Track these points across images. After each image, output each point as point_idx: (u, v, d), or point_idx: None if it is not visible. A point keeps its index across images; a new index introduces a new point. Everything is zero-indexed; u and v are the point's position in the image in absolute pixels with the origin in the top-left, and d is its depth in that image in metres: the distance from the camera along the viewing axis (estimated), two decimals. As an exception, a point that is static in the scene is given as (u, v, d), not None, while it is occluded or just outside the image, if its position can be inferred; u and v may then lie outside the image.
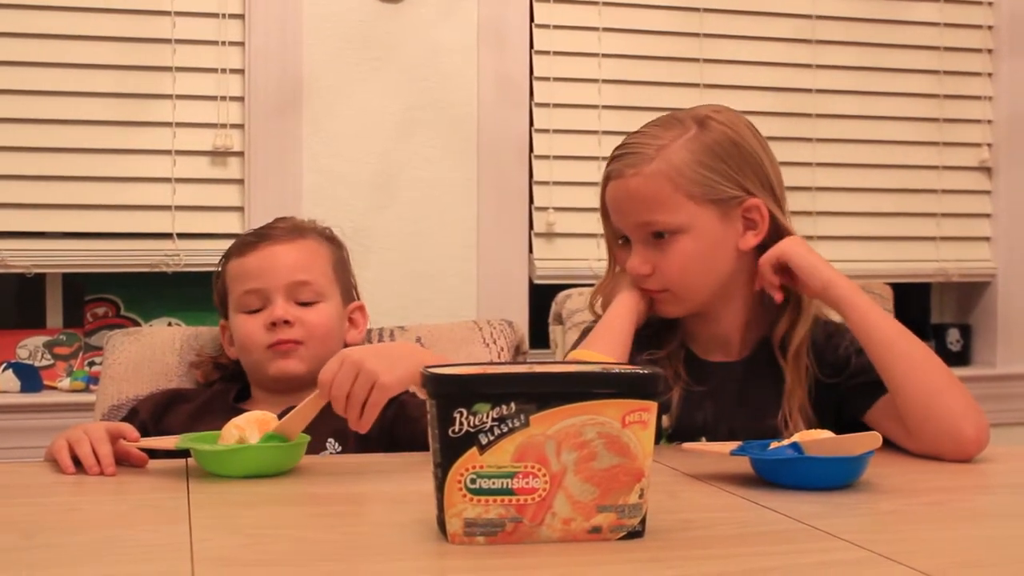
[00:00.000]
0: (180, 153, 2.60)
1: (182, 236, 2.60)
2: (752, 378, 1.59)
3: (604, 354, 1.53)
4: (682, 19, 2.90)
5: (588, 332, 1.64)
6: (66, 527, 1.12)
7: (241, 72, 2.62)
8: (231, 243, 1.79)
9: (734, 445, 1.32)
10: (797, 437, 1.30)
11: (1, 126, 2.52)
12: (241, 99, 2.62)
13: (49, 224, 2.58)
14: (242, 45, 2.62)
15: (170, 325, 2.66)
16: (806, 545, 1.04)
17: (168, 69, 2.59)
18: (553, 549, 0.99)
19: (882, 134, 3.05)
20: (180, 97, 2.59)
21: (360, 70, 2.69)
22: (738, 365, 1.61)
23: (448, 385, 1.00)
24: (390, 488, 1.32)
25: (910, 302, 3.30)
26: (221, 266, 1.77)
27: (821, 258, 1.53)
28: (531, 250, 2.81)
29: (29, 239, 2.57)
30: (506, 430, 0.99)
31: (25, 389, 2.56)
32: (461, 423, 0.99)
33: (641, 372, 1.03)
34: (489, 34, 2.75)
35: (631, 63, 2.88)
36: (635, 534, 1.02)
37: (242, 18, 2.62)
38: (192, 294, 2.68)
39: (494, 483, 0.99)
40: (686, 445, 1.41)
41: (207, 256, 2.51)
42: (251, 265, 1.70)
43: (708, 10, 2.91)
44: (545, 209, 2.79)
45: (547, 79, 2.81)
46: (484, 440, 0.99)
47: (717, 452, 1.34)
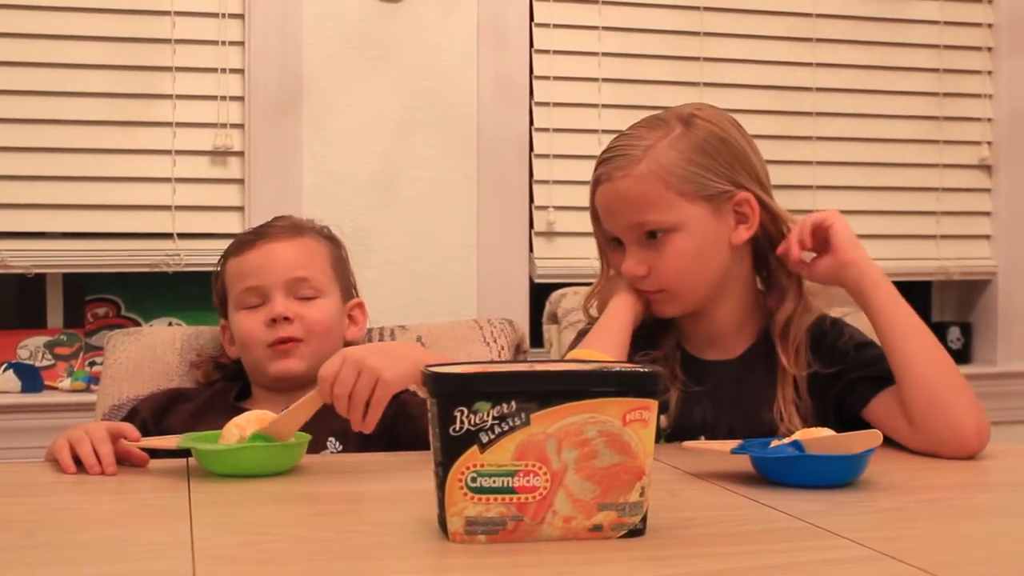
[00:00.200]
0: (180, 153, 2.60)
1: (182, 236, 2.60)
2: (749, 376, 1.59)
3: (603, 351, 1.53)
4: (682, 18, 2.90)
5: (584, 335, 1.64)
6: (67, 526, 1.12)
7: (241, 72, 2.62)
8: (230, 243, 1.79)
9: (735, 443, 1.33)
10: (798, 435, 1.30)
11: (1, 126, 2.52)
12: (241, 99, 2.62)
13: (49, 224, 2.58)
14: (242, 45, 2.62)
15: (170, 325, 2.66)
16: (807, 543, 1.04)
17: (168, 69, 2.59)
18: (554, 547, 0.99)
19: (882, 132, 3.05)
20: (180, 97, 2.59)
21: (360, 69, 2.69)
22: (734, 363, 1.61)
23: (449, 384, 1.00)
24: (391, 487, 1.32)
25: (911, 300, 3.27)
26: (220, 265, 1.77)
27: (858, 240, 1.55)
28: (531, 249, 2.81)
29: (29, 239, 2.57)
30: (507, 428, 0.99)
31: (26, 389, 2.56)
32: (462, 422, 0.99)
33: (642, 370, 1.03)
34: (489, 33, 2.75)
35: (631, 62, 2.88)
36: (636, 532, 1.03)
37: (242, 18, 2.62)
38: (192, 294, 2.68)
39: (495, 482, 0.99)
40: (687, 443, 1.41)
41: (207, 256, 2.51)
42: (250, 263, 1.70)
43: (708, 9, 2.91)
44: (545, 208, 2.79)
45: (547, 78, 2.81)
46: (485, 439, 0.99)
47: (718, 450, 1.34)
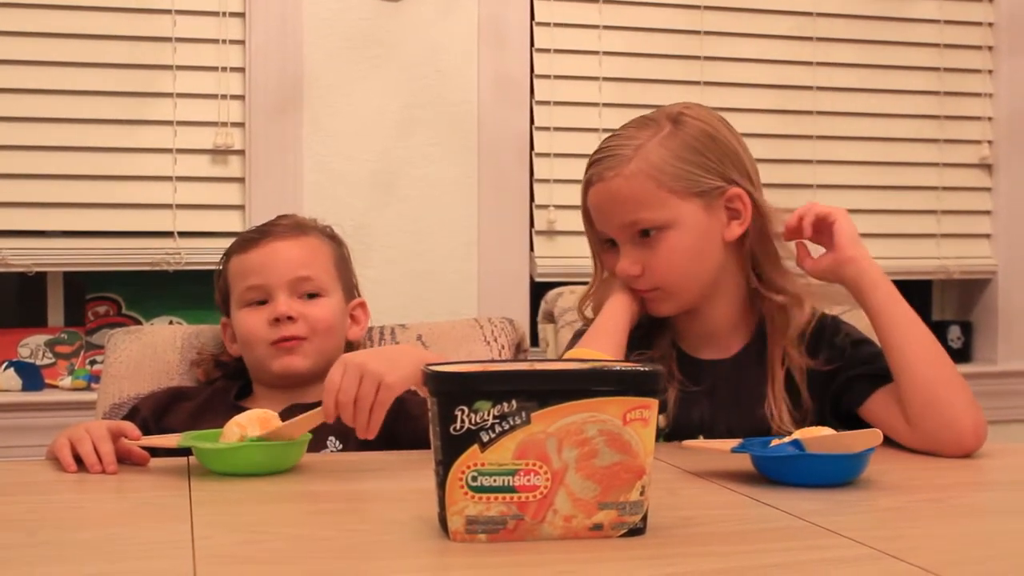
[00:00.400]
0: (181, 151, 2.60)
1: (183, 234, 2.60)
2: (746, 374, 1.59)
3: (601, 350, 1.53)
4: (683, 17, 2.90)
5: (580, 336, 1.64)
6: (68, 525, 1.12)
7: (242, 70, 2.62)
8: (232, 241, 1.79)
9: (735, 442, 1.33)
10: (798, 434, 1.30)
11: (2, 125, 2.52)
12: (242, 97, 2.62)
13: (50, 223, 2.58)
14: (242, 43, 2.62)
15: (171, 323, 2.66)
16: (807, 542, 1.04)
17: (169, 67, 2.59)
18: (554, 546, 0.99)
19: (883, 131, 3.05)
20: (181, 95, 2.59)
21: (360, 68, 2.69)
22: (730, 361, 1.61)
23: (449, 383, 1.00)
24: (391, 486, 1.32)
25: (911, 299, 3.28)
26: (223, 264, 1.77)
27: (859, 238, 1.55)
28: (532, 248, 2.81)
29: (30, 238, 2.57)
30: (507, 427, 0.99)
31: (26, 388, 2.56)
32: (462, 421, 0.99)
33: (642, 369, 1.03)
34: (489, 32, 2.75)
35: (632, 61, 2.88)
36: (636, 531, 1.03)
37: (242, 16, 2.62)
38: (193, 292, 2.68)
39: (495, 480, 0.99)
40: (687, 442, 1.41)
41: (208, 254, 2.51)
42: (253, 261, 1.70)
43: (708, 8, 2.91)
44: (546, 207, 2.79)
45: (548, 77, 2.81)
46: (485, 438, 0.99)
47: (718, 449, 1.34)
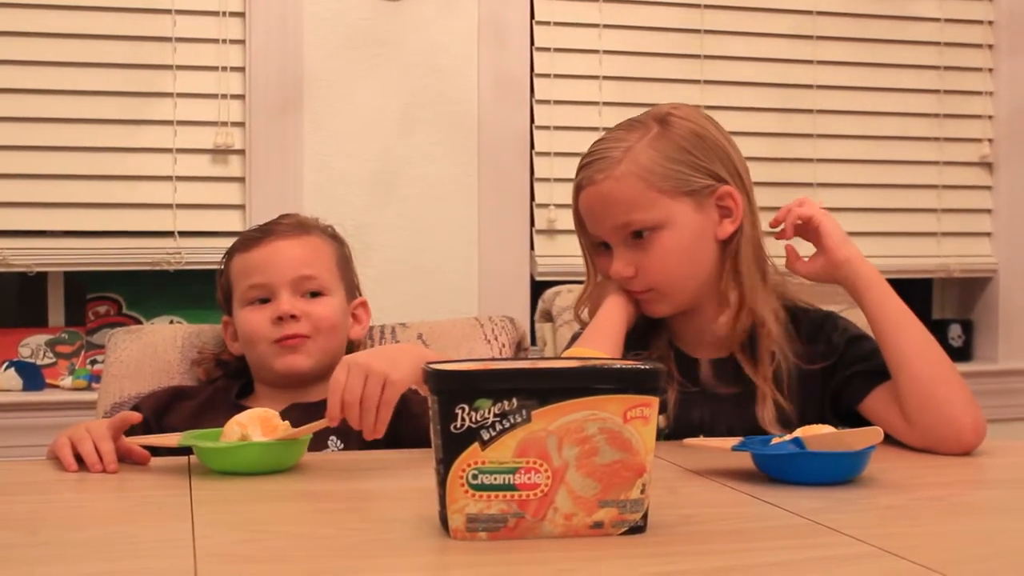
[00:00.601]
0: (181, 151, 2.60)
1: (183, 234, 2.60)
2: (743, 373, 1.59)
3: (599, 350, 1.53)
4: (683, 15, 2.90)
5: (577, 339, 1.64)
6: (69, 524, 1.12)
7: (242, 70, 2.62)
8: (233, 241, 1.79)
9: (735, 440, 1.33)
10: (799, 432, 1.30)
11: (2, 125, 2.52)
12: (242, 97, 2.62)
13: (50, 223, 2.58)
14: (243, 43, 2.62)
15: (172, 323, 2.66)
16: (808, 540, 1.04)
17: (169, 67, 2.59)
18: (555, 544, 0.99)
19: (883, 130, 3.05)
20: (181, 95, 2.59)
21: (361, 67, 2.69)
22: (728, 360, 1.60)
23: (450, 381, 1.00)
24: (392, 484, 1.32)
25: (911, 298, 3.28)
26: (225, 262, 1.77)
27: (848, 236, 1.55)
28: (532, 247, 2.81)
29: (30, 238, 2.57)
30: (508, 426, 0.99)
31: (27, 387, 2.56)
32: (463, 419, 0.99)
33: (643, 367, 1.03)
34: (490, 31, 2.75)
35: (632, 60, 2.88)
36: (637, 529, 1.03)
37: (242, 16, 2.62)
38: (193, 292, 2.68)
39: (496, 479, 0.99)
40: (687, 440, 1.41)
41: (208, 254, 2.51)
42: (256, 260, 1.70)
43: (709, 6, 2.91)
44: (546, 206, 2.79)
45: (548, 76, 2.81)
46: (486, 436, 0.99)
47: (719, 447, 1.34)
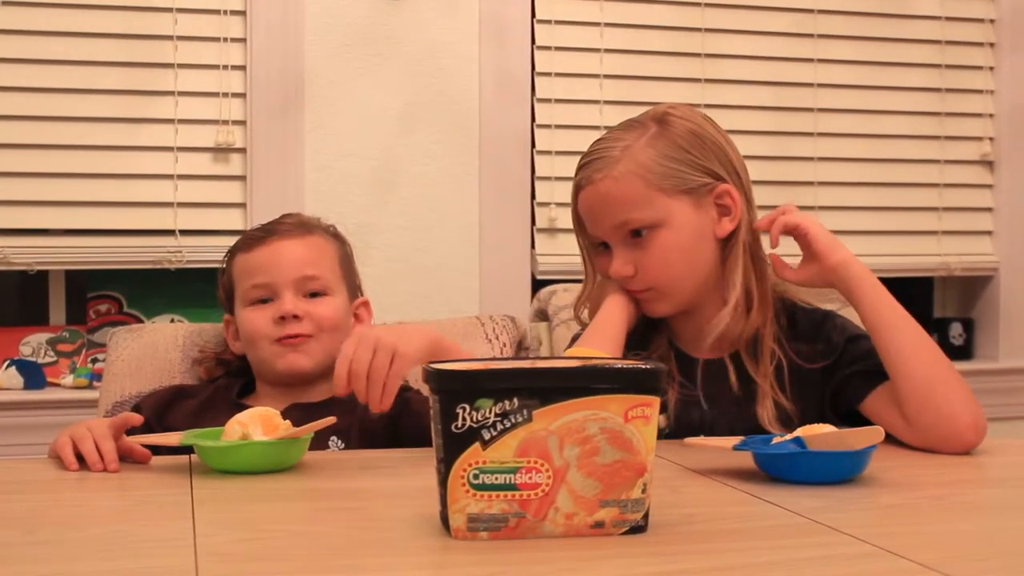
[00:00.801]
0: (182, 149, 2.60)
1: (184, 232, 2.60)
2: (744, 371, 1.58)
3: (600, 349, 1.53)
4: (683, 14, 2.90)
5: (578, 339, 1.64)
6: (69, 523, 1.12)
7: (243, 68, 2.62)
8: (234, 239, 1.79)
9: (737, 439, 1.33)
10: (800, 432, 1.30)
11: (3, 123, 2.52)
12: (243, 95, 2.62)
13: (51, 221, 2.58)
14: (244, 41, 2.62)
15: (172, 322, 2.66)
16: (808, 539, 1.04)
17: (170, 66, 2.59)
18: (556, 544, 0.99)
19: (884, 128, 3.05)
20: (182, 94, 2.59)
21: (362, 66, 2.69)
22: (728, 360, 1.60)
23: (451, 380, 1.00)
24: (393, 484, 1.32)
25: (912, 296, 3.29)
26: (227, 261, 1.77)
27: (838, 239, 1.55)
28: (533, 245, 2.81)
29: (32, 236, 2.57)
30: (509, 425, 0.99)
31: (28, 386, 2.56)
32: (464, 418, 0.99)
33: (644, 367, 1.03)
34: (490, 30, 2.75)
35: (633, 58, 2.88)
36: (638, 529, 1.03)
37: (243, 14, 2.62)
38: (194, 291, 2.68)
39: (497, 478, 0.99)
40: (688, 440, 1.41)
41: (209, 253, 2.51)
42: (259, 260, 1.70)
43: (709, 5, 2.91)
44: (547, 204, 2.79)
45: (548, 74, 2.81)
46: (487, 435, 0.99)
47: (720, 447, 1.34)
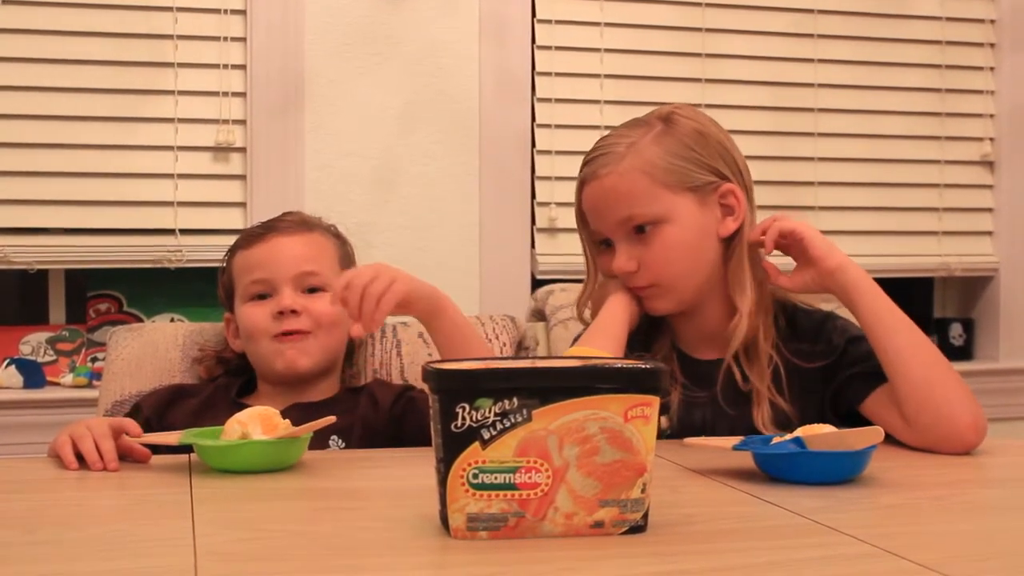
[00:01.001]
0: (182, 149, 2.60)
1: (184, 232, 2.60)
2: (742, 374, 1.58)
3: (602, 349, 1.53)
4: (684, 14, 2.90)
5: (579, 338, 1.64)
6: (69, 522, 1.12)
7: (243, 68, 2.62)
8: (234, 239, 1.79)
9: (737, 439, 1.33)
10: (800, 432, 1.30)
11: (3, 122, 2.52)
12: (243, 95, 2.62)
13: (51, 220, 2.58)
14: (244, 41, 2.62)
15: (172, 321, 2.66)
16: (808, 539, 1.04)
17: (170, 65, 2.59)
18: (556, 544, 0.99)
19: (884, 128, 3.05)
20: (182, 93, 2.59)
21: (362, 65, 2.69)
22: (728, 361, 1.59)
23: (450, 380, 1.00)
24: (393, 483, 1.32)
25: (913, 296, 3.29)
26: (227, 259, 1.77)
27: (834, 243, 1.55)
28: (533, 245, 2.81)
29: (31, 235, 2.57)
30: (508, 425, 0.99)
31: (28, 385, 2.56)
32: (463, 418, 0.99)
33: (643, 366, 1.03)
34: (490, 29, 2.75)
35: (633, 58, 2.88)
36: (637, 529, 1.03)
37: (244, 14, 2.62)
38: (194, 290, 2.68)
39: (496, 478, 0.99)
40: (688, 440, 1.41)
41: (209, 252, 2.51)
42: (259, 256, 1.71)
43: (710, 5, 2.91)
44: (547, 204, 2.79)
45: (549, 74, 2.81)
46: (487, 435, 0.99)
47: (719, 447, 1.34)
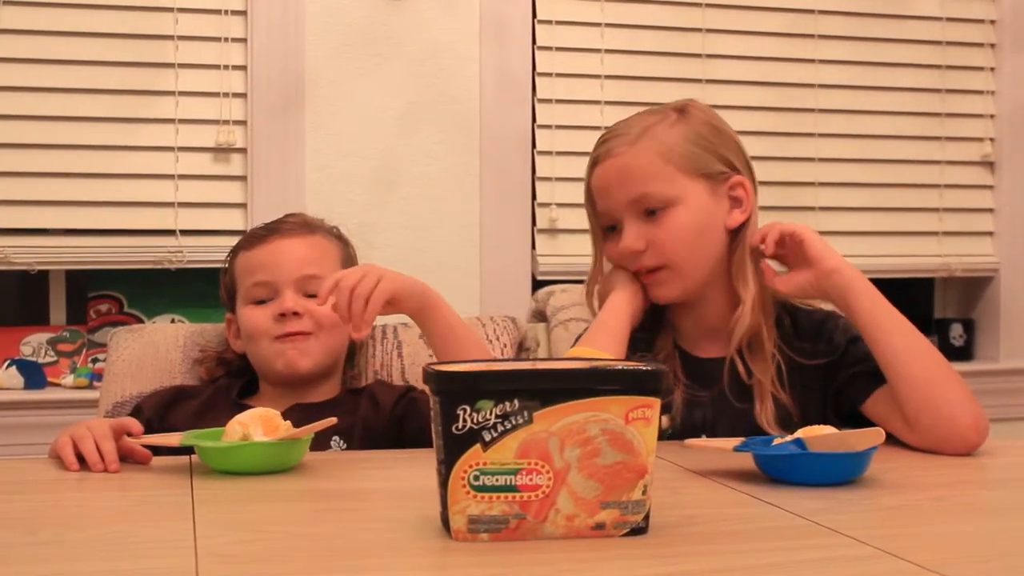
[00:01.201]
0: (183, 149, 2.60)
1: (185, 232, 2.60)
2: (747, 371, 1.58)
3: (604, 349, 1.53)
4: (684, 14, 2.90)
5: (580, 337, 1.64)
6: (69, 523, 1.12)
7: (244, 68, 2.62)
8: (235, 239, 1.79)
9: (737, 441, 1.33)
10: (800, 433, 1.30)
11: (4, 123, 2.52)
12: (244, 95, 2.62)
13: (52, 221, 2.58)
14: (244, 41, 2.62)
15: (173, 322, 2.66)
16: (809, 541, 1.04)
17: (171, 65, 2.59)
18: (557, 545, 0.99)
19: (884, 129, 3.05)
20: (183, 94, 2.59)
21: (362, 66, 2.69)
22: (730, 359, 1.59)
23: (451, 382, 1.00)
24: (393, 485, 1.32)
25: (913, 297, 3.30)
26: (229, 260, 1.77)
27: (832, 248, 1.55)
28: (534, 246, 2.81)
29: (32, 236, 2.57)
30: (509, 427, 0.99)
31: (28, 386, 2.56)
32: (465, 420, 0.99)
33: (645, 368, 1.03)
34: (491, 30, 2.75)
35: (633, 59, 2.88)
36: (638, 530, 1.03)
37: (244, 14, 2.62)
38: (195, 291, 2.68)
39: (498, 480, 0.99)
40: (689, 441, 1.41)
41: (210, 252, 2.51)
42: (261, 258, 1.70)
43: (710, 5, 2.91)
44: (548, 205, 2.79)
45: (549, 75, 2.81)
46: (488, 437, 0.99)
47: (720, 448, 1.34)
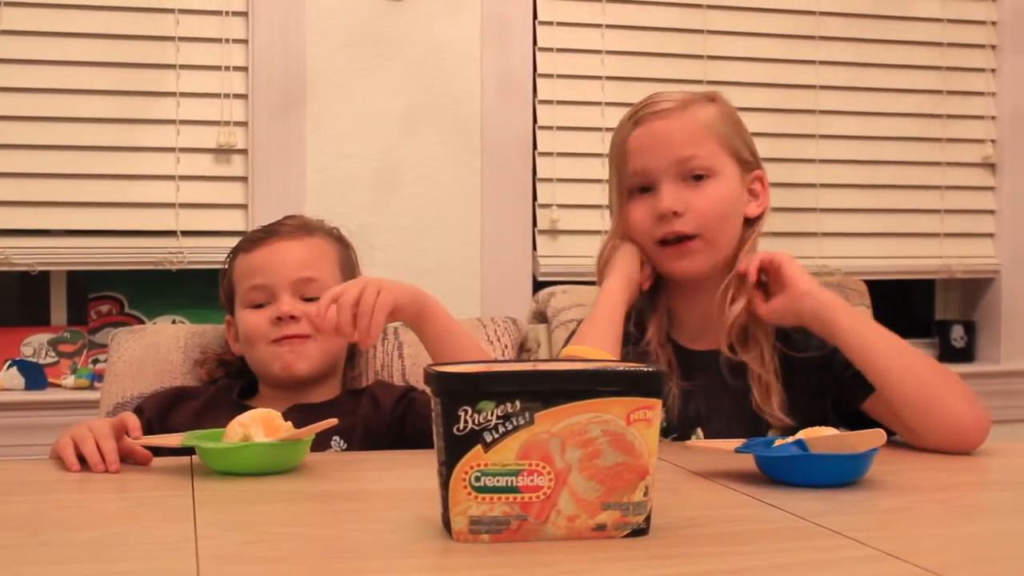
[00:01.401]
0: (184, 150, 2.60)
1: (186, 233, 2.60)
2: (741, 364, 1.57)
3: (597, 346, 1.52)
4: (685, 16, 2.90)
5: (573, 334, 1.64)
6: (70, 524, 1.12)
7: (245, 69, 2.62)
8: (235, 240, 1.79)
9: (738, 442, 1.32)
10: (801, 434, 1.30)
11: (5, 124, 2.52)
12: (245, 96, 2.63)
13: (53, 222, 2.59)
14: (245, 43, 2.62)
15: (174, 323, 2.66)
16: (810, 542, 1.04)
17: (172, 67, 2.59)
18: (558, 547, 0.99)
19: (885, 130, 3.05)
20: (184, 95, 2.60)
21: (363, 67, 2.69)
22: (722, 351, 1.58)
23: (452, 383, 1.00)
24: (394, 486, 1.32)
25: (914, 299, 3.30)
26: (228, 262, 1.77)
27: (808, 274, 1.55)
28: (535, 247, 2.81)
29: (33, 237, 2.58)
30: (511, 428, 0.99)
31: (29, 386, 2.56)
32: (466, 421, 0.98)
33: (646, 369, 1.02)
34: (492, 31, 2.75)
35: (634, 60, 2.88)
36: (640, 532, 1.02)
37: (245, 15, 2.62)
38: (196, 292, 2.68)
39: (499, 481, 0.99)
40: (690, 442, 1.41)
41: (211, 253, 2.51)
42: (258, 261, 1.70)
43: (711, 7, 2.91)
44: (549, 206, 2.79)
45: (550, 76, 2.81)
46: (489, 438, 0.99)
47: (721, 449, 1.34)
